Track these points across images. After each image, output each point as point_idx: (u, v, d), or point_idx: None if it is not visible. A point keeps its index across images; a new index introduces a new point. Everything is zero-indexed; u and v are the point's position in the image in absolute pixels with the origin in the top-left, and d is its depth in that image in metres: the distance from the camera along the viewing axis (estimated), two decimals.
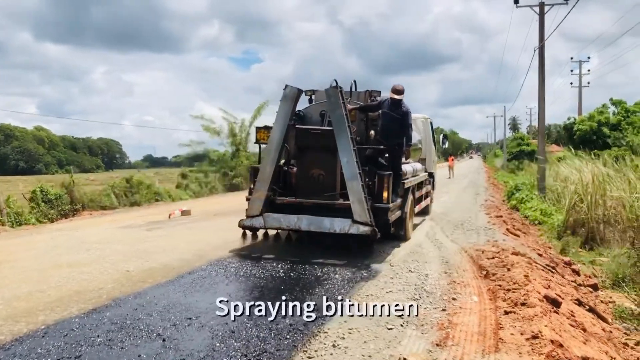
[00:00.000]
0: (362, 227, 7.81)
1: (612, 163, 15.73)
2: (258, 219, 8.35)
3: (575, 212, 12.38)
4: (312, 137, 8.44)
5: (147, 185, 19.82)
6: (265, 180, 8.28)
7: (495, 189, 26.59)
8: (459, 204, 16.96)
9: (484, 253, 8.40)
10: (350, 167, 7.85)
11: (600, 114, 34.34)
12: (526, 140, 48.76)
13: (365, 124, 9.13)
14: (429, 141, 13.26)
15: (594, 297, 7.67)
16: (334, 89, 8.02)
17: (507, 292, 6.02)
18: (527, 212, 15.45)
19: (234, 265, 7.56)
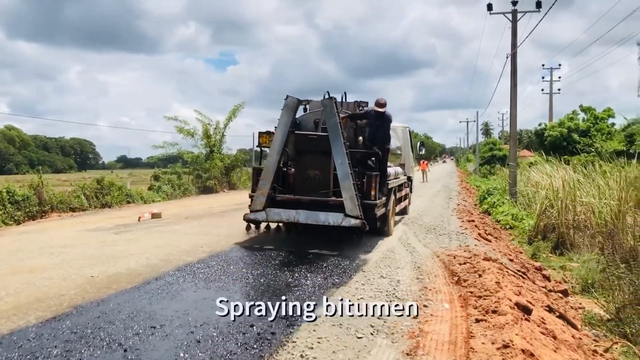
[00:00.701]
0: (353, 220, 8.86)
1: (581, 169, 15.92)
2: (261, 213, 9.37)
3: (546, 217, 12.44)
4: (309, 142, 9.60)
5: (118, 186, 19.40)
6: (268, 179, 9.27)
7: (468, 193, 26.75)
8: (431, 208, 16.97)
9: (456, 258, 8.34)
10: (343, 168, 8.91)
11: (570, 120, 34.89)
12: (498, 145, 49.26)
13: (354, 131, 10.30)
14: (408, 148, 14.60)
15: (564, 303, 7.65)
16: (330, 100, 9.15)
17: (479, 299, 5.94)
18: (499, 217, 15.51)
19: (202, 271, 7.38)
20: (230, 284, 6.70)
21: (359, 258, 8.47)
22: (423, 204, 17.92)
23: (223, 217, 14.41)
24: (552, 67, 45.92)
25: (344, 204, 8.94)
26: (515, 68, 19.43)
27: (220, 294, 6.22)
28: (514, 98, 19.56)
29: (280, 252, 8.83)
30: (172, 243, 9.72)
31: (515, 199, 17.74)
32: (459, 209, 16.77)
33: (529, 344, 4.64)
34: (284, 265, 7.82)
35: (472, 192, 27.35)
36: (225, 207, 17.32)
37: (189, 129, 27.15)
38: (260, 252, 8.81)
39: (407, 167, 14.29)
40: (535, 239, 12.04)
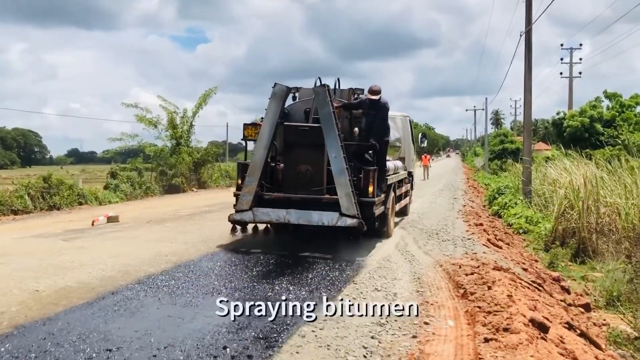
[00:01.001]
0: (349, 220, 9.17)
1: (605, 164, 16.05)
2: (247, 214, 9.65)
3: (565, 219, 12.53)
4: (299, 134, 9.88)
5: (68, 185, 19.24)
6: (255, 175, 9.57)
7: (475, 192, 26.89)
8: (434, 209, 17.03)
9: (462, 268, 8.37)
10: (338, 162, 9.23)
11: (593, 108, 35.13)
12: (510, 137, 49.62)
13: (349, 121, 10.70)
14: (408, 140, 15.03)
15: (586, 319, 7.70)
16: (322, 87, 9.47)
17: (488, 314, 5.96)
18: (511, 220, 15.61)
19: (167, 284, 7.33)
20: (200, 299, 6.66)
21: (351, 267, 8.48)
22: (424, 205, 17.99)
23: (191, 220, 14.36)
24: (572, 47, 46.25)
25: (340, 202, 9.26)
26: (530, 48, 19.53)
27: (187, 310, 6.19)
28: (529, 82, 19.67)
29: (259, 259, 8.87)
30: (132, 251, 9.64)
31: (529, 199, 17.86)
32: (465, 211, 16.85)
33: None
34: (263, 276, 7.80)
35: (480, 192, 27.49)
36: (194, 209, 17.26)
37: (151, 118, 27.03)
38: (235, 260, 8.81)
39: (407, 161, 14.66)
40: (553, 245, 12.12)
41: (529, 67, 19.57)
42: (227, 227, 11.88)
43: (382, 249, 10.00)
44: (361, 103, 10.75)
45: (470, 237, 11.71)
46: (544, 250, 12.19)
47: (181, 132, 27.96)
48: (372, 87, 10.64)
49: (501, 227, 14.89)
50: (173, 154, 27.37)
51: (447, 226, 13.28)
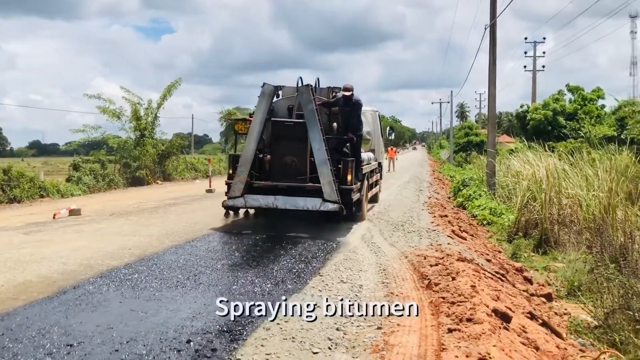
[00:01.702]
0: (331, 205, 10.57)
1: (567, 157, 16.33)
2: (239, 200, 10.92)
3: (528, 211, 12.72)
4: (285, 129, 11.21)
5: (29, 177, 18.87)
6: (246, 166, 10.84)
7: (441, 184, 27.12)
8: (399, 201, 17.13)
9: (427, 259, 8.44)
10: (321, 154, 10.57)
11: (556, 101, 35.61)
12: (475, 129, 50.07)
13: (328, 117, 11.95)
14: (377, 133, 16.27)
15: (548, 308, 7.83)
16: (306, 87, 10.83)
17: (452, 305, 6.01)
18: (475, 211, 15.79)
19: (130, 277, 7.24)
20: (163, 292, 6.59)
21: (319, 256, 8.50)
22: (390, 197, 18.08)
23: (156, 213, 14.22)
24: (535, 41, 46.78)
25: (322, 189, 10.61)
26: (494, 41, 19.72)
27: (150, 304, 6.12)
28: (493, 76, 19.87)
29: (225, 252, 8.85)
30: (94, 245, 9.52)
31: (493, 190, 18.08)
32: (430, 203, 16.99)
33: (509, 357, 4.73)
34: (228, 269, 7.77)
35: (446, 184, 27.73)
36: (158, 202, 17.09)
37: (114, 110, 26.66)
38: (200, 253, 8.75)
39: (377, 153, 16.00)
40: (516, 236, 12.30)
41: (494, 61, 19.77)
42: (192, 220, 11.85)
43: (348, 242, 10.04)
44: (337, 101, 11.94)
45: (435, 228, 11.81)
46: (507, 241, 12.37)
47: (145, 123, 27.64)
48: (346, 86, 11.85)
49: (465, 218, 15.05)
50: (137, 146, 27.05)
51: (413, 218, 13.37)
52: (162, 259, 8.36)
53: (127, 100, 27.22)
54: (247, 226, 11.69)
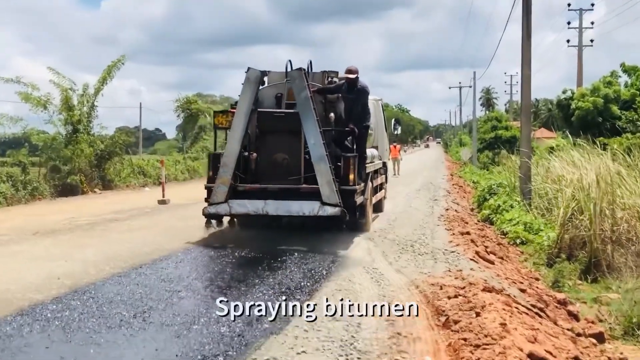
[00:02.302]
0: (331, 209, 11.23)
1: (624, 156, 16.35)
2: (223, 206, 11.57)
3: (573, 226, 12.73)
4: (275, 121, 11.97)
5: None
6: (229, 166, 11.50)
7: (461, 192, 27.18)
8: (408, 214, 17.15)
9: (443, 289, 8.44)
10: (318, 149, 11.25)
11: (608, 85, 35.62)
12: (504, 121, 50.29)
13: (323, 106, 12.50)
14: (381, 126, 17.05)
15: (599, 352, 7.84)
16: (299, 71, 11.53)
17: (476, 349, 6.02)
18: (506, 227, 15.82)
19: (60, 315, 7.21)
20: (104, 333, 6.56)
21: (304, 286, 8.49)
22: (396, 209, 18.10)
23: (93, 232, 14.16)
24: (581, 8, 47.06)
25: (320, 191, 11.29)
26: (529, 8, 19.78)
27: (86, 350, 6.09)
28: (527, 53, 19.94)
29: (182, 282, 8.83)
30: (12, 273, 9.45)
31: (528, 200, 18.12)
32: (448, 216, 17.03)
33: None
34: (186, 302, 7.74)
35: (467, 191, 27.80)
36: (96, 217, 17.02)
37: (40, 97, 26.54)
38: (150, 282, 8.73)
39: (381, 150, 16.69)
40: (558, 258, 12.31)
41: (528, 34, 19.84)
42: (140, 240, 11.79)
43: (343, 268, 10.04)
44: (339, 86, 12.71)
45: (454, 249, 11.82)
46: (547, 266, 12.38)
47: (80, 115, 27.54)
48: (350, 68, 12.50)
49: (493, 236, 15.08)
50: (69, 144, 26.93)
51: (425, 236, 13.38)
52: (101, 291, 8.31)
53: (56, 85, 27.11)
54: (225, 240, 12.10)
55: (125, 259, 10.54)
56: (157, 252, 11.08)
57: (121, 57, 29.02)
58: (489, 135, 48.01)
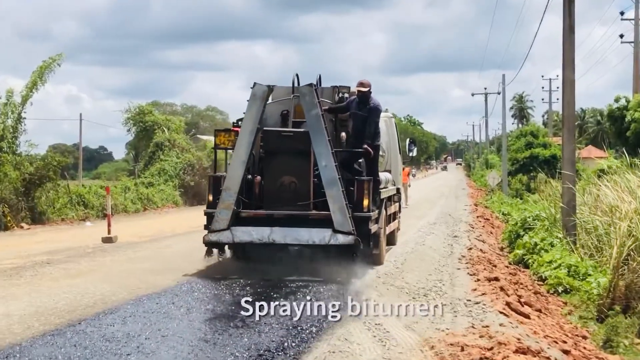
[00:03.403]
0: (343, 237, 12.56)
1: None
2: (225, 234, 12.95)
3: (630, 270, 12.72)
4: (282, 141, 13.32)
5: None
6: (233, 189, 12.86)
7: (487, 226, 27.19)
8: (421, 254, 17.13)
9: (466, 351, 8.43)
10: (329, 172, 12.68)
11: None
12: (542, 137, 50.42)
13: (333, 125, 14.13)
14: (394, 147, 18.50)
15: None
16: (309, 87, 12.94)
17: None
18: (544, 271, 15.77)
19: None
20: None
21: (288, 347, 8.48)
22: (406, 248, 18.08)
23: (19, 278, 14.11)
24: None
25: (332, 217, 12.62)
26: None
27: None
28: (570, 51, 19.98)
29: (138, 341, 8.80)
30: None
31: (573, 237, 18.13)
32: (472, 258, 16.99)
33: None
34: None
35: (496, 226, 27.83)
36: (23, 259, 16.97)
37: None
38: (93, 340, 8.74)
39: (394, 174, 18.19)
40: (611, 311, 12.30)
41: (571, 27, 19.89)
42: (79, 288, 11.75)
43: (339, 325, 10.01)
44: (349, 104, 14.21)
45: (480, 299, 11.83)
46: (597, 321, 12.36)
47: (2, 129, 27.51)
48: (362, 81, 13.90)
49: (528, 282, 15.05)
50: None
51: (443, 282, 13.36)
52: (29, 355, 8.27)
53: None
54: (188, 288, 12.46)
55: (60, 313, 10.51)
56: (100, 305, 11.06)
57: (57, 56, 29.15)
58: (523, 155, 48.11)
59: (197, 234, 19.92)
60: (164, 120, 47.70)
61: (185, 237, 21.30)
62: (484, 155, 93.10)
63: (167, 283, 12.86)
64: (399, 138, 19.17)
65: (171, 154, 43.64)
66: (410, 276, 13.91)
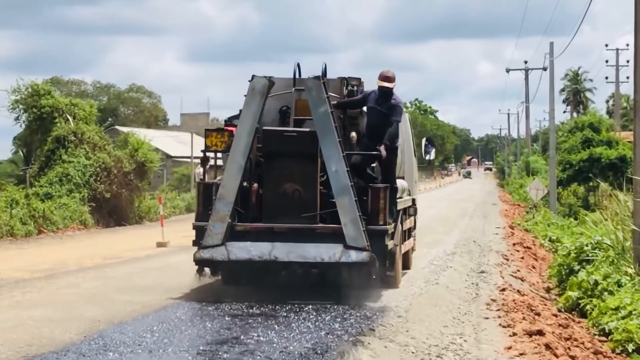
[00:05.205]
0: (356, 254, 14.01)
1: None
2: (219, 250, 14.48)
3: None
4: (284, 142, 14.86)
5: None
6: (228, 198, 14.43)
7: (528, 257, 27.21)
8: (433, 298, 17.08)
9: None
10: (340, 178, 14.18)
11: None
12: (606, 132, 50.40)
13: (342, 123, 15.72)
14: (409, 148, 20.04)
15: None
16: (316, 79, 14.45)
17: None
18: (608, 321, 15.78)
19: None
20: None
21: None
22: (413, 288, 18.03)
23: None
24: None
25: (344, 231, 14.09)
26: None
27: None
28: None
29: None
30: None
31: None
32: (505, 302, 17.00)
33: None
34: None
35: (540, 257, 27.85)
36: None
37: None
38: None
39: (409, 182, 19.81)
40: None
41: None
42: None
43: None
44: (365, 97, 16.05)
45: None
46: None
47: None
48: (384, 73, 15.67)
49: (586, 338, 15.06)
50: None
51: (464, 337, 13.40)
52: None
53: None
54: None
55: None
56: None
57: None
58: (579, 157, 48.21)
59: (114, 268, 19.99)
60: (67, 105, 46.87)
61: (96, 272, 21.16)
62: (524, 157, 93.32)
63: (70, 338, 12.73)
64: (413, 139, 20.35)
65: (78, 153, 42.71)
66: (419, 329, 13.89)
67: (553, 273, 22.52)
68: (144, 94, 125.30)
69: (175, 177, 79.51)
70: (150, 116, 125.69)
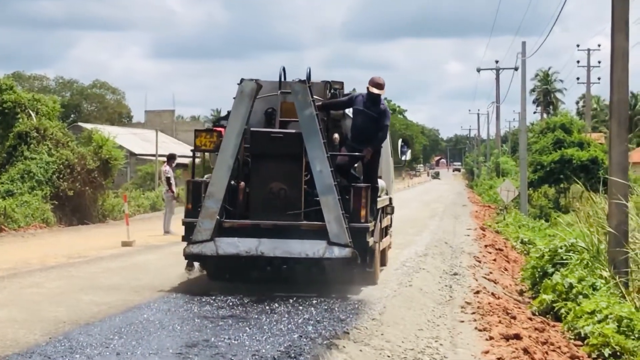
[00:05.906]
0: (339, 250, 15.22)
1: None
2: (208, 245, 15.61)
3: None
4: (270, 143, 16.04)
5: None
6: (217, 196, 15.63)
7: (501, 259, 27.27)
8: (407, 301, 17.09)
9: None
10: (324, 178, 15.38)
11: None
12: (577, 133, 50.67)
13: (325, 125, 16.74)
14: (386, 148, 20.46)
15: None
16: (302, 83, 15.56)
17: None
18: (583, 325, 15.79)
19: None
20: None
21: None
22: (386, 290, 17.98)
23: None
24: None
25: (327, 228, 15.31)
26: None
27: None
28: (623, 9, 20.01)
29: None
30: None
31: (625, 276, 18.18)
32: (480, 305, 17.01)
33: None
34: None
35: (513, 259, 27.93)
36: None
37: None
38: None
39: (386, 181, 20.80)
40: None
41: None
42: None
43: None
44: (352, 99, 17.33)
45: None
46: None
47: None
48: (375, 79, 16.90)
49: (562, 342, 15.07)
50: None
51: (440, 341, 13.42)
52: None
53: None
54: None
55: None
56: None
57: None
58: (550, 158, 48.43)
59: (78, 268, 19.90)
60: (30, 100, 46.85)
61: (60, 271, 21.03)
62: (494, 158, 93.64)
63: (35, 340, 12.74)
64: (389, 138, 20.84)
65: (41, 149, 42.59)
66: (393, 332, 13.87)
67: (526, 276, 22.57)
68: (107, 90, 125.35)
69: (140, 175, 79.34)
70: (114, 113, 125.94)
